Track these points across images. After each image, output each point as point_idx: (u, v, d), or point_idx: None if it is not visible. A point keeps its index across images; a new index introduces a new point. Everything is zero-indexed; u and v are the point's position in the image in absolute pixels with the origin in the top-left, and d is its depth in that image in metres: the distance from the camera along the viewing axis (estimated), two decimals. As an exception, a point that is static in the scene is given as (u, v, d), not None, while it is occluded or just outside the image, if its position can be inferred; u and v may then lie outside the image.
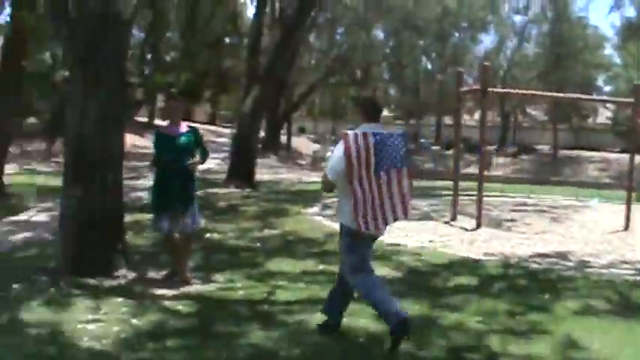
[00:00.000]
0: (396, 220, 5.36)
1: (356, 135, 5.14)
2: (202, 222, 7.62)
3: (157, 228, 7.16)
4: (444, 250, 9.67)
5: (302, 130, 50.46)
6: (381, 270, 7.95)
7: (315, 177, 29.12)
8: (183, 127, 7.26)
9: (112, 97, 7.39)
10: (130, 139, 29.71)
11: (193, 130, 7.34)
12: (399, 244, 9.78)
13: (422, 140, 35.57)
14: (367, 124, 5.36)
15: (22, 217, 12.31)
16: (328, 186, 5.35)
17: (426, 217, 13.88)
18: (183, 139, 7.14)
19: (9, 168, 19.92)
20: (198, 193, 7.73)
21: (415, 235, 11.01)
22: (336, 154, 5.21)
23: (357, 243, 5.31)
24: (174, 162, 6.99)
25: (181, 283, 7.15)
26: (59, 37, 8.21)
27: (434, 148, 41.73)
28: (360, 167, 5.09)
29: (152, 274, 7.52)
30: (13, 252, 8.93)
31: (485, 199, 12.98)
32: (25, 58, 14.32)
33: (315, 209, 13.90)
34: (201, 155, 7.26)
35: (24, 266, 7.83)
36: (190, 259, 7.68)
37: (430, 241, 10.46)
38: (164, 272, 7.47)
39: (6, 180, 15.77)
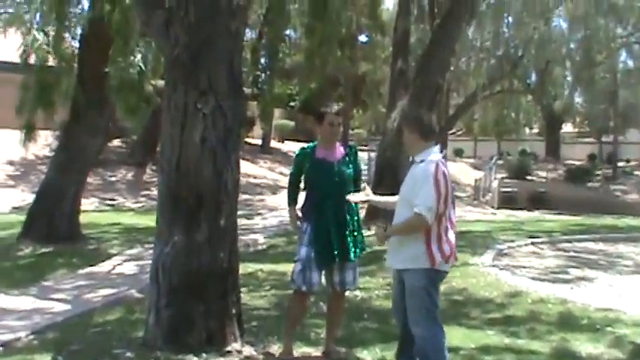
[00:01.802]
0: None
1: (438, 164, 5.83)
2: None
3: (306, 284, 6.76)
4: (681, 318, 9.01)
5: (459, 153, 49.66)
6: (591, 347, 7.49)
7: (479, 214, 28.50)
8: (340, 149, 7.03)
9: (223, 110, 7.12)
10: (241, 167, 30.08)
11: (354, 153, 7.15)
12: (612, 309, 9.31)
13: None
14: (431, 145, 6.03)
15: (103, 267, 12.53)
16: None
17: None
18: (343, 167, 6.94)
19: (86, 203, 20.48)
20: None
21: (633, 296, 10.64)
22: (427, 189, 5.76)
23: (436, 285, 6.04)
24: (334, 197, 6.79)
25: (324, 356, 6.97)
26: (151, 33, 8.02)
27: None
28: (447, 202, 5.83)
29: (276, 347, 7.22)
30: (89, 315, 8.87)
31: None
32: (107, 64, 14.48)
33: (487, 258, 13.60)
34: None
35: (104, 336, 7.72)
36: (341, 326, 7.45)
37: None
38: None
39: (82, 218, 16.02)
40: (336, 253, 6.72)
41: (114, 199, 25.52)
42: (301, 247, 6.76)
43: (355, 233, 6.86)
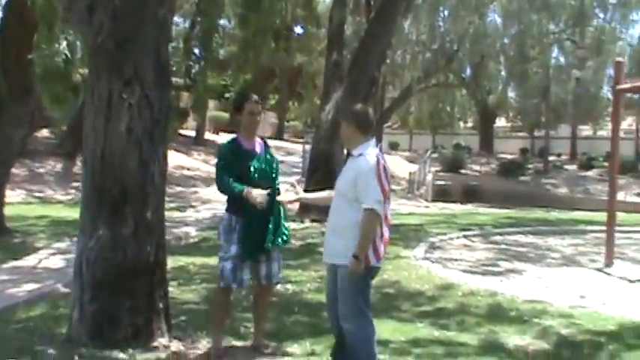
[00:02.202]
0: None
1: (379, 159, 5.86)
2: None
3: (235, 281, 6.69)
4: (604, 310, 9.11)
5: (394, 146, 49.92)
6: (518, 339, 7.58)
7: (413, 206, 28.67)
8: (259, 141, 6.98)
9: (150, 100, 6.97)
10: (174, 158, 29.82)
11: (266, 145, 7.07)
12: (539, 301, 9.46)
13: None
14: (368, 139, 6.04)
15: (29, 261, 12.22)
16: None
17: (569, 261, 13.96)
18: (267, 157, 6.89)
19: (13, 195, 20.04)
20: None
21: (559, 288, 10.83)
22: (371, 183, 5.75)
23: (368, 281, 5.98)
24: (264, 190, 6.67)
25: (253, 349, 6.93)
26: (73, 19, 7.85)
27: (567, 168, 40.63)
28: (386, 196, 5.83)
29: (205, 342, 7.13)
30: (11, 311, 8.64)
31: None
32: (31, 50, 14.05)
33: (420, 251, 13.67)
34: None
35: (26, 332, 7.52)
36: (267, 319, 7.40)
37: (582, 297, 10.06)
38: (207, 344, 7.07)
39: (8, 211, 15.66)
40: (264, 246, 6.65)
41: (42, 191, 25.00)
42: (231, 245, 6.62)
43: (279, 224, 6.80)
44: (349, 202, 5.79)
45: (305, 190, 7.49)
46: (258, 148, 6.84)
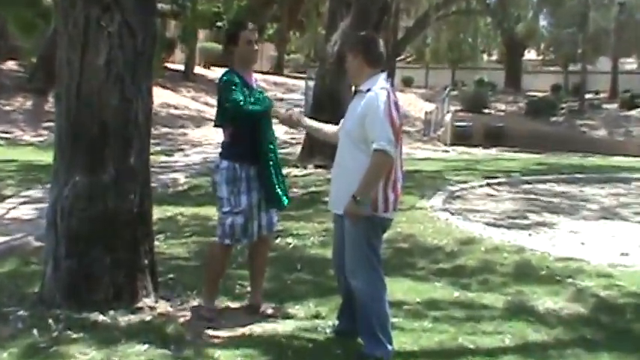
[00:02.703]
0: None
1: (389, 93, 5.80)
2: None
3: (246, 236, 6.75)
4: (650, 269, 9.12)
5: (408, 82, 49.78)
6: (550, 301, 7.55)
7: (430, 151, 28.70)
8: (254, 77, 7.01)
9: (132, 28, 6.88)
10: (160, 96, 29.78)
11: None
12: (574, 259, 9.39)
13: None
14: (378, 73, 5.97)
15: (-3, 211, 12.20)
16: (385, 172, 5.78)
17: (609, 214, 13.79)
18: (263, 95, 6.96)
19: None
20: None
21: (598, 244, 10.74)
22: (382, 120, 5.69)
23: (378, 233, 6.02)
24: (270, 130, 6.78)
25: (249, 311, 6.96)
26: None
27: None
28: (398, 137, 5.83)
29: (195, 303, 7.15)
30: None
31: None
32: None
33: (437, 201, 13.65)
34: None
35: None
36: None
37: (623, 254, 9.98)
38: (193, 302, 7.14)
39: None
40: (283, 194, 6.76)
41: (9, 132, 25.06)
42: (240, 196, 6.59)
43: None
44: (355, 143, 5.78)
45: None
46: (256, 85, 6.86)
